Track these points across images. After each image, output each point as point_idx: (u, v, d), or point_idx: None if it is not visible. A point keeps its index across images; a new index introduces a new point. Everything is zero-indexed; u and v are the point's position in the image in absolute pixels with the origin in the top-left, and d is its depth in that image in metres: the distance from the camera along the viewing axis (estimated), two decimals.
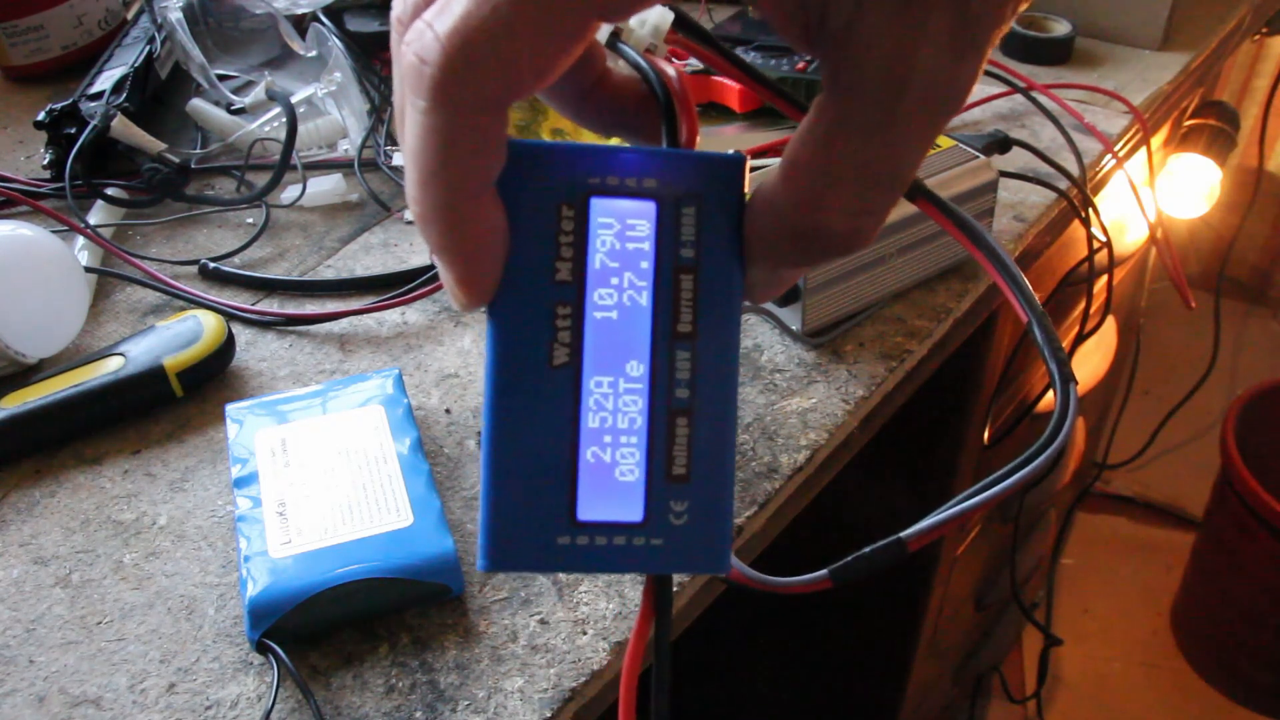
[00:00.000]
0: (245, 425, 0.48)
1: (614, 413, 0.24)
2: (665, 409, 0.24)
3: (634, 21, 0.25)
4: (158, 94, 0.79)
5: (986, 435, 0.85)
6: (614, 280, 0.24)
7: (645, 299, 0.24)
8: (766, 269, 0.24)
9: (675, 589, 0.42)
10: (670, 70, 0.24)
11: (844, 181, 0.22)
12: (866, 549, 0.40)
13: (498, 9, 0.19)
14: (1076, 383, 0.29)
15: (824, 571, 0.41)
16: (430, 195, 0.21)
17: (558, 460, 0.24)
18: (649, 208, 0.24)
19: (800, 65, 0.73)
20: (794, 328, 0.54)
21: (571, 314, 0.24)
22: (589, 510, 0.24)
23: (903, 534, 0.39)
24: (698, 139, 0.25)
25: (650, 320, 0.24)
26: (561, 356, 0.24)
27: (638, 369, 0.24)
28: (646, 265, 0.24)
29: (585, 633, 0.41)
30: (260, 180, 0.70)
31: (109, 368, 0.52)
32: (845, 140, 0.21)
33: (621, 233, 0.24)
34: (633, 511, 0.24)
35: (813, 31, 0.22)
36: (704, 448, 0.24)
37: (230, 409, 0.49)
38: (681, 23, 0.25)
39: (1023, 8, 0.22)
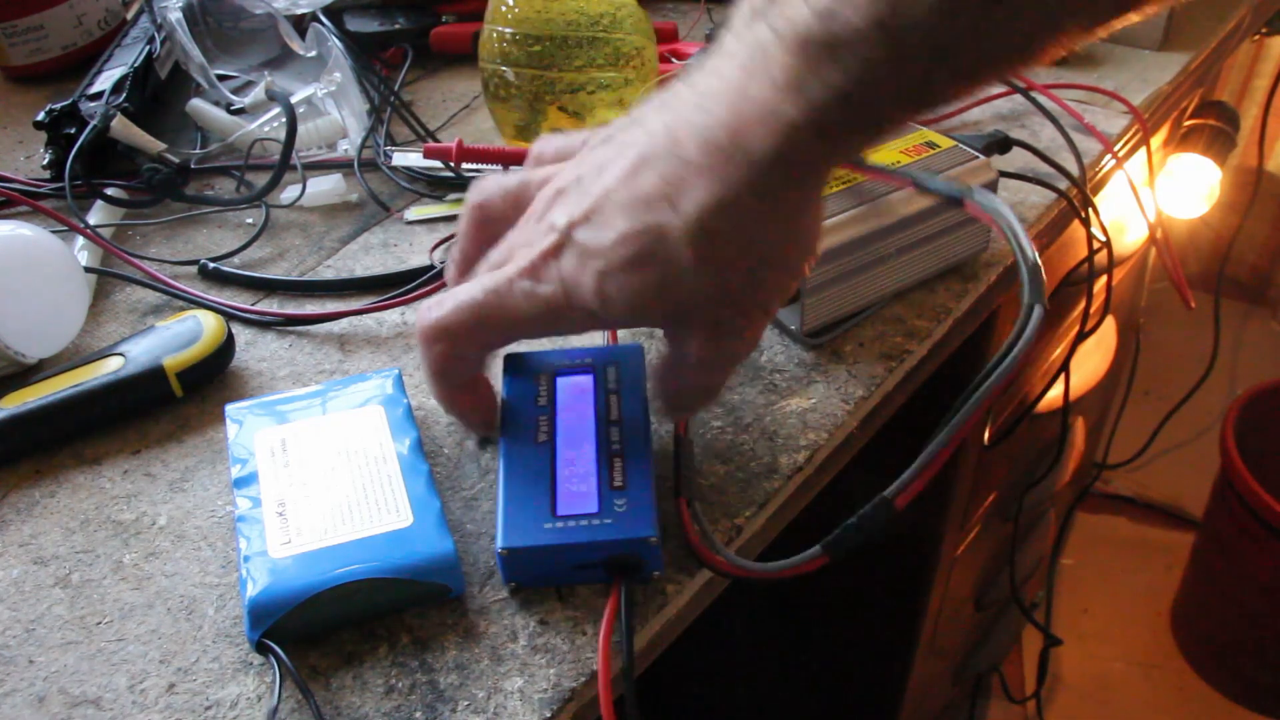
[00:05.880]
0: (245, 425, 0.48)
1: (577, 461, 0.43)
2: (607, 454, 0.43)
3: None
4: (158, 94, 0.79)
5: (987, 435, 0.85)
6: (572, 406, 0.45)
7: (589, 410, 0.45)
8: (662, 411, 0.45)
9: (674, 590, 0.42)
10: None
11: (675, 386, 0.43)
12: (853, 517, 0.40)
13: (464, 318, 0.42)
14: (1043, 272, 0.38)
15: (817, 547, 0.41)
16: (436, 389, 0.45)
17: (545, 484, 0.42)
18: (589, 372, 0.47)
19: None
20: (793, 328, 0.54)
21: (548, 420, 0.45)
22: (564, 508, 0.41)
23: (886, 492, 0.41)
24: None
25: (594, 417, 0.45)
26: (543, 436, 0.44)
27: (588, 440, 0.44)
28: (588, 396, 0.46)
29: (585, 633, 0.41)
30: (260, 180, 0.70)
31: (109, 368, 0.52)
32: (672, 371, 0.43)
33: (575, 384, 0.47)
34: (590, 506, 0.41)
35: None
36: (632, 470, 0.42)
37: (230, 409, 0.49)
38: None
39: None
